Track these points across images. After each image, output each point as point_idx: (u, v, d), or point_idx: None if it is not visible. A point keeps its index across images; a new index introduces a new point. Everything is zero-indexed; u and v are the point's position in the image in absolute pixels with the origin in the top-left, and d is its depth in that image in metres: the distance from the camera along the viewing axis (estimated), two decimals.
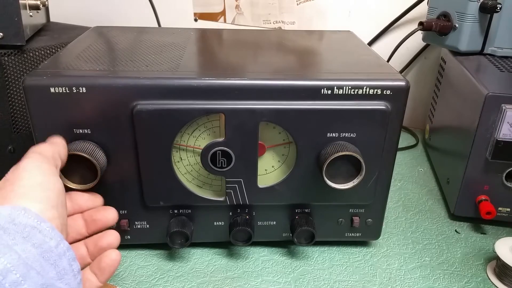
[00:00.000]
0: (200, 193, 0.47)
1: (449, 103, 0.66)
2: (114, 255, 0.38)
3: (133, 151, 0.44)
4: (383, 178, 0.47)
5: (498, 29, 0.62)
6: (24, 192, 0.31)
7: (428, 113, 0.80)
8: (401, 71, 0.85)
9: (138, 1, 0.89)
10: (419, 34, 0.72)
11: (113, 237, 0.41)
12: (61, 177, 0.39)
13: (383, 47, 0.84)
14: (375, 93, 0.43)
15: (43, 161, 0.35)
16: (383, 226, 0.52)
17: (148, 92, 0.42)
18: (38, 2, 0.60)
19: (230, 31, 0.67)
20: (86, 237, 0.42)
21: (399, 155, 0.76)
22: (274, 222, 0.50)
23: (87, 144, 0.42)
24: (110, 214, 0.42)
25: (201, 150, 0.44)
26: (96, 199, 0.43)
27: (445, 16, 0.65)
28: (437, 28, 0.65)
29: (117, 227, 0.48)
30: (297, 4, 0.86)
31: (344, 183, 0.44)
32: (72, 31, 0.69)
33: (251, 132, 0.43)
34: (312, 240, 0.49)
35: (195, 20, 0.93)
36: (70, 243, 0.36)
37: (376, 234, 0.52)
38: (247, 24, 0.90)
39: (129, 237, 0.50)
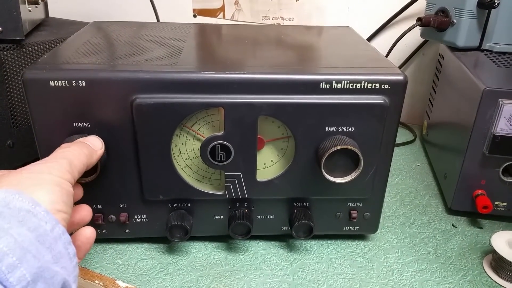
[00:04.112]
0: (199, 187, 0.47)
1: (446, 98, 0.67)
2: (89, 232, 0.39)
3: (132, 144, 0.44)
4: (381, 172, 0.48)
5: (496, 25, 0.62)
6: (41, 184, 0.32)
7: (426, 109, 0.80)
8: (399, 67, 0.85)
9: None
10: (417, 30, 0.72)
11: (86, 211, 0.40)
12: None
13: (381, 43, 0.84)
14: (373, 87, 0.43)
15: (67, 171, 0.35)
16: (381, 220, 0.52)
17: (147, 85, 0.42)
18: None
19: (229, 26, 0.67)
20: None
21: (397, 150, 0.77)
22: (273, 216, 0.50)
23: None
24: (80, 191, 0.42)
25: (203, 139, 0.44)
26: (78, 191, 0.42)
27: (443, 12, 0.65)
28: (435, 24, 0.65)
29: (116, 220, 0.49)
30: (296, 0, 0.86)
31: (342, 177, 0.44)
32: (71, 26, 0.69)
33: (250, 126, 0.44)
34: (311, 234, 0.49)
35: (194, 16, 0.93)
36: None
37: (374, 228, 0.52)
38: (246, 20, 0.90)
39: (128, 230, 0.50)
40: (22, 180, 0.31)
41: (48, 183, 0.32)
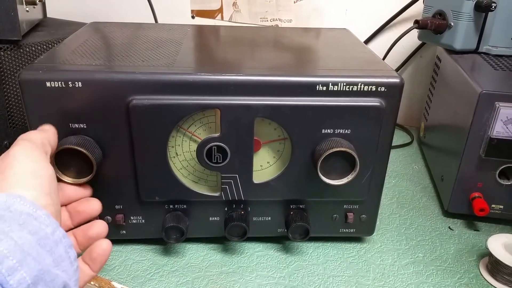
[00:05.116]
0: (195, 188, 0.47)
1: (443, 101, 0.67)
2: (105, 245, 0.38)
3: (128, 146, 0.44)
4: (377, 174, 0.48)
5: (493, 28, 0.63)
6: (17, 180, 0.31)
7: (423, 111, 0.80)
8: (396, 70, 0.85)
9: None
10: (415, 33, 0.72)
11: (101, 227, 0.40)
12: (56, 172, 0.39)
13: (379, 46, 0.84)
14: (369, 89, 0.43)
15: (32, 148, 0.34)
16: (377, 223, 0.52)
17: (144, 87, 0.42)
18: None
19: (227, 28, 0.67)
20: (71, 229, 0.41)
21: (394, 152, 0.77)
22: (269, 218, 0.50)
23: (83, 138, 0.43)
24: (94, 205, 0.42)
25: (199, 141, 0.44)
26: (85, 191, 0.43)
27: (440, 14, 0.66)
28: (433, 27, 0.65)
29: (112, 222, 0.49)
30: (294, 2, 0.86)
31: (338, 179, 0.44)
32: (68, 27, 0.69)
33: (246, 127, 0.44)
34: (307, 236, 0.49)
35: (192, 17, 0.93)
36: None
37: (370, 230, 0.52)
38: (244, 22, 0.90)
39: (124, 232, 0.50)
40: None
41: (25, 178, 0.31)
